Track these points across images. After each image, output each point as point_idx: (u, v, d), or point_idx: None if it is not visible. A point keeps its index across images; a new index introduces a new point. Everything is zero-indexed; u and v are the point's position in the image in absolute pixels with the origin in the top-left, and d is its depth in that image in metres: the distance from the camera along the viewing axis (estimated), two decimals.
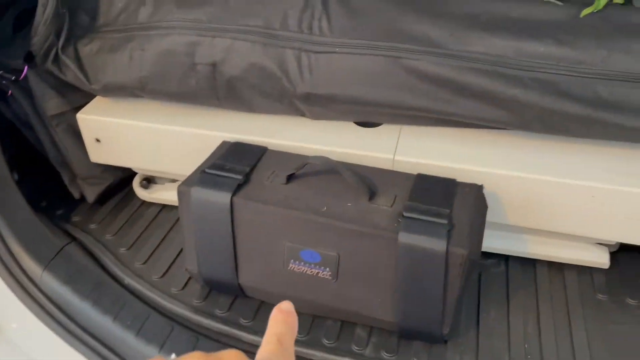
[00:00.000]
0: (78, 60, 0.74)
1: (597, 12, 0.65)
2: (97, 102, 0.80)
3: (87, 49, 0.74)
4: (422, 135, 0.71)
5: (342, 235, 0.58)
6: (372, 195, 0.61)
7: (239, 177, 0.63)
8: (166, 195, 0.85)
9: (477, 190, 0.63)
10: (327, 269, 0.60)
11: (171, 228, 0.81)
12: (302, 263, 0.61)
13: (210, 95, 0.74)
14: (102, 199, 0.85)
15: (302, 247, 0.60)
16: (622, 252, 0.75)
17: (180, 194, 0.63)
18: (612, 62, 0.62)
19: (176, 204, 0.84)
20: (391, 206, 0.60)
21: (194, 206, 0.63)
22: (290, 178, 0.63)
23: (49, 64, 0.74)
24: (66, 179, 0.83)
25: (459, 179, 0.64)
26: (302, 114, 0.74)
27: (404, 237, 0.56)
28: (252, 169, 0.65)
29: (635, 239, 0.66)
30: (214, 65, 0.71)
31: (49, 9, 0.71)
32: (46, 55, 0.73)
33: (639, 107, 0.62)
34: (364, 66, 0.67)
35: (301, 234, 0.60)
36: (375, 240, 0.57)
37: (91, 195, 0.83)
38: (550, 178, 0.64)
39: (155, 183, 0.87)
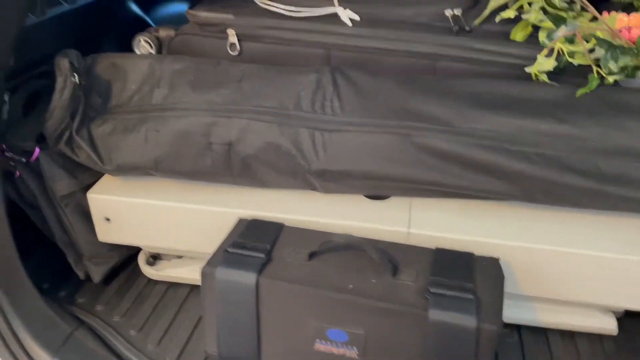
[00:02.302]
0: (91, 141, 0.75)
1: (590, 92, 0.70)
2: (106, 180, 0.80)
3: (101, 130, 0.75)
4: (432, 208, 0.74)
5: (370, 313, 0.59)
6: (395, 270, 0.62)
7: (262, 255, 0.63)
8: (174, 272, 0.84)
9: (494, 263, 0.64)
10: (354, 347, 0.60)
11: (180, 307, 0.79)
12: (329, 342, 0.61)
13: (225, 173, 0.75)
14: (107, 277, 0.84)
15: (329, 326, 0.60)
16: (627, 318, 0.77)
17: (204, 275, 0.63)
18: (609, 138, 0.67)
19: (184, 281, 0.83)
20: (415, 282, 0.61)
21: (219, 287, 0.62)
22: (312, 255, 0.64)
23: (62, 145, 0.74)
24: (71, 260, 0.81)
25: (472, 250, 0.66)
26: (314, 189, 0.76)
27: (434, 314, 0.56)
28: (272, 247, 0.66)
29: None
30: (229, 144, 0.72)
31: (67, 93, 0.72)
32: (60, 136, 0.74)
33: (638, 179, 0.66)
34: (375, 143, 0.70)
35: (328, 312, 0.60)
36: (404, 318, 0.58)
37: (97, 275, 0.81)
38: (560, 248, 0.67)
39: (161, 259, 0.86)
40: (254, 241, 0.66)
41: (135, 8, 1.13)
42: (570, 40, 0.73)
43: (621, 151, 0.67)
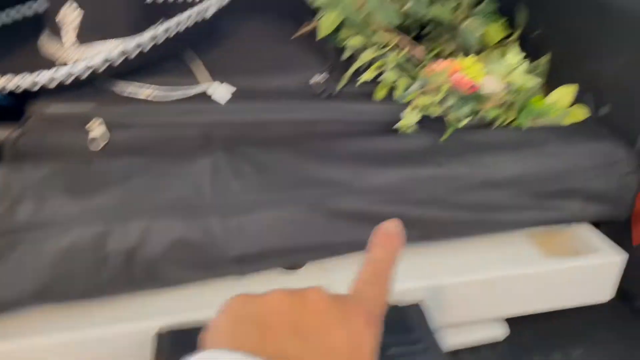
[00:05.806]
0: None
1: (449, 136, 0.81)
2: None
3: None
4: (342, 267, 0.76)
5: None
6: None
7: None
8: None
9: (420, 311, 0.69)
10: None
11: None
12: None
13: (125, 284, 0.65)
14: None
15: None
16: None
17: None
18: (474, 175, 0.77)
19: None
20: None
21: None
22: None
23: None
24: None
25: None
26: (231, 274, 0.71)
27: None
28: None
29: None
30: (129, 252, 0.64)
31: None
32: None
33: (500, 204, 0.78)
34: (289, 218, 0.70)
35: None
36: None
37: None
38: (466, 278, 0.75)
39: None
40: None
41: None
42: (423, 94, 0.83)
43: (486, 184, 0.78)
